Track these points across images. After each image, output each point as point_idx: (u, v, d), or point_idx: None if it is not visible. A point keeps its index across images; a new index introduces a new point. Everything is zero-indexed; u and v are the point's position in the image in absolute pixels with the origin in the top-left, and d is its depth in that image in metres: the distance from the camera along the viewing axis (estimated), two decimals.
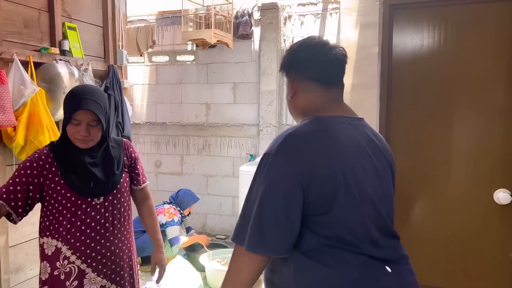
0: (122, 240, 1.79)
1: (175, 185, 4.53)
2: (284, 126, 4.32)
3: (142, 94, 4.87)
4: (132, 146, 1.89)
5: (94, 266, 1.70)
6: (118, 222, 1.76)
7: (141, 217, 1.96)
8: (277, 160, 1.11)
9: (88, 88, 1.72)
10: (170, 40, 4.70)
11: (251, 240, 1.10)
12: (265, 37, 4.24)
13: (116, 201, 1.75)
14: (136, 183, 1.88)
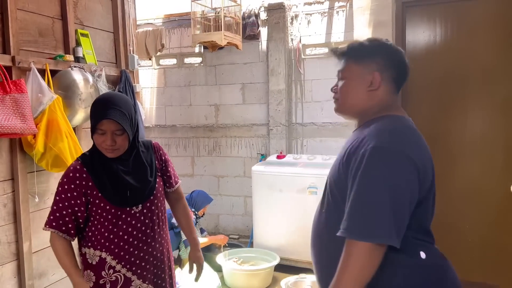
0: (162, 243, 1.81)
1: (187, 187, 4.56)
2: (294, 125, 4.34)
3: (151, 97, 4.90)
4: (162, 148, 1.88)
5: (139, 273, 1.72)
6: (157, 227, 1.77)
7: (176, 217, 1.97)
8: (397, 152, 1.13)
9: (112, 96, 1.71)
10: (177, 43, 4.73)
11: (386, 232, 1.08)
12: (272, 37, 4.26)
13: (154, 206, 1.75)
14: (169, 185, 1.87)
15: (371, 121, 1.28)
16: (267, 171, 3.82)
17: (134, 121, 1.70)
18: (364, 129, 1.26)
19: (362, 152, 1.16)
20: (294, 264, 3.64)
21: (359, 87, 1.30)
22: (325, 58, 4.17)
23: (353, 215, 1.12)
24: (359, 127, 1.34)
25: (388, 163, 1.12)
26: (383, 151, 1.13)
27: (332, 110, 4.81)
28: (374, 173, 1.12)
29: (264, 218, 3.83)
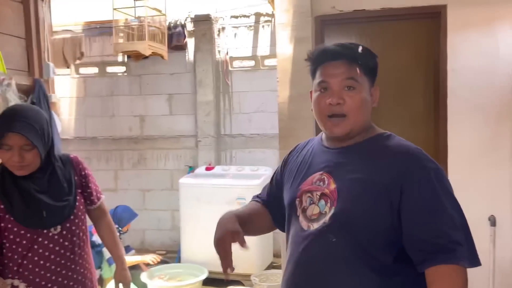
0: (84, 265, 1.67)
1: (109, 203, 4.28)
2: (223, 136, 4.35)
3: (70, 108, 4.62)
4: (82, 162, 1.73)
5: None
6: (78, 248, 1.64)
7: (100, 235, 1.83)
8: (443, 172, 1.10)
9: (20, 108, 1.58)
10: (99, 51, 4.52)
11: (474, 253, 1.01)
12: (199, 48, 4.25)
13: (75, 227, 1.62)
14: (90, 202, 1.73)
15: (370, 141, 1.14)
16: (196, 183, 3.77)
17: (47, 135, 1.57)
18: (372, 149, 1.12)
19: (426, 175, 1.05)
20: (223, 277, 3.60)
21: (368, 101, 1.15)
22: (252, 70, 4.24)
23: (466, 241, 1.01)
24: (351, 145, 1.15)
25: (446, 182, 1.08)
26: (438, 171, 1.07)
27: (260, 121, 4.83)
28: (454, 196, 1.05)
29: (192, 231, 3.76)
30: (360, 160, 1.12)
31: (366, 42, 2.55)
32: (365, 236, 1.05)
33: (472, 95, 2.34)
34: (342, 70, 1.12)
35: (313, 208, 1.13)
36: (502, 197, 2.31)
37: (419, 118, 2.51)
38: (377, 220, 1.04)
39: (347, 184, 1.09)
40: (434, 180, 1.04)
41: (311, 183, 1.16)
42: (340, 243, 1.06)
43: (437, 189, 1.03)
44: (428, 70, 2.48)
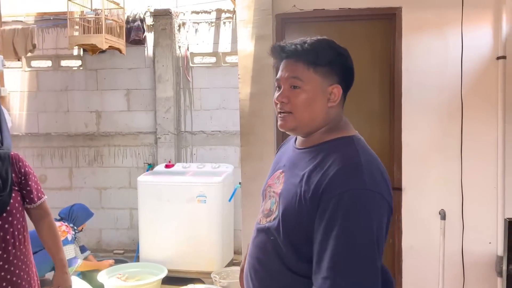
0: (19, 266, 1.62)
1: (64, 201, 4.17)
2: (183, 133, 4.29)
3: (21, 103, 4.39)
4: (22, 160, 1.70)
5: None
6: (12, 247, 1.59)
7: (40, 236, 1.78)
8: (377, 198, 0.99)
9: None
10: (52, 44, 4.33)
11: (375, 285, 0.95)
12: (159, 43, 4.17)
13: (8, 224, 1.58)
14: (30, 201, 1.70)
15: (326, 146, 1.10)
16: (155, 181, 3.70)
17: None
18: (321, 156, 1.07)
19: (338, 194, 0.97)
20: (183, 275, 3.57)
21: (319, 100, 1.10)
22: (214, 67, 4.21)
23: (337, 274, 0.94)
24: (308, 147, 1.13)
25: (374, 210, 0.98)
26: (369, 195, 0.98)
27: (221, 118, 4.82)
28: (359, 223, 0.96)
29: (151, 230, 3.69)
30: (305, 164, 1.09)
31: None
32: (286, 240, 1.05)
33: (425, 94, 2.45)
34: (288, 68, 1.11)
35: (268, 203, 1.16)
36: (452, 192, 2.43)
37: (375, 116, 2.59)
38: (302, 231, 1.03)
39: (288, 187, 1.10)
40: (343, 206, 0.96)
41: (274, 179, 1.19)
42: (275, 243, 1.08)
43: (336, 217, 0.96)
44: (383, 69, 2.57)
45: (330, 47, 1.15)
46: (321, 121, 1.13)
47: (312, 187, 1.02)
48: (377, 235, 0.96)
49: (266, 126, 2.55)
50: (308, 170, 1.06)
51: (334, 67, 1.13)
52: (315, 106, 1.11)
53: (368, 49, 2.57)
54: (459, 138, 2.42)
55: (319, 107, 1.11)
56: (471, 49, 2.38)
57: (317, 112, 1.11)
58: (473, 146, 2.41)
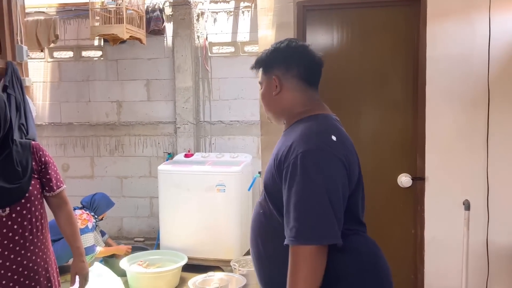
0: (36, 252, 1.65)
1: (86, 189, 4.26)
2: (202, 123, 4.31)
3: (44, 93, 4.48)
4: (43, 149, 1.74)
5: (3, 284, 1.56)
6: (29, 234, 1.62)
7: (59, 225, 1.82)
8: (325, 154, 1.17)
9: None
10: (74, 35, 4.38)
11: (329, 232, 1.12)
12: (178, 33, 4.17)
13: (26, 211, 1.61)
14: (49, 189, 1.73)
15: (298, 122, 1.30)
16: (175, 170, 3.74)
17: (4, 118, 1.57)
18: (291, 132, 1.28)
19: (293, 158, 1.17)
20: (202, 263, 3.62)
21: (269, 93, 1.34)
22: (232, 57, 4.20)
23: (299, 222, 1.13)
24: (287, 129, 1.35)
25: (319, 166, 1.15)
26: (313, 155, 1.16)
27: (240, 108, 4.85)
28: (309, 178, 1.14)
29: (171, 218, 3.74)
30: (280, 142, 1.32)
31: (346, 29, 2.57)
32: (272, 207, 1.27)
33: (450, 82, 2.39)
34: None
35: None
36: (477, 182, 2.39)
37: (398, 105, 2.55)
38: (274, 196, 1.25)
39: (268, 162, 1.32)
40: (296, 166, 1.16)
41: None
42: (264, 214, 1.31)
43: (294, 174, 1.16)
44: (407, 57, 2.52)
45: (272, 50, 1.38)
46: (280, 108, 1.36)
47: (278, 158, 1.24)
48: (327, 187, 1.14)
49: None
50: (282, 144, 1.27)
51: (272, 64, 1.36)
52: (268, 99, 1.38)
53: (391, 37, 2.53)
54: (485, 127, 2.36)
55: (271, 99, 1.36)
56: (499, 35, 2.31)
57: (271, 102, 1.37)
58: (500, 135, 2.35)
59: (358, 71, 2.55)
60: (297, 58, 1.33)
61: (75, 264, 1.81)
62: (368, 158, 2.58)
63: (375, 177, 2.59)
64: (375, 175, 2.59)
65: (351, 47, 2.54)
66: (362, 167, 2.52)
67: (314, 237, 1.12)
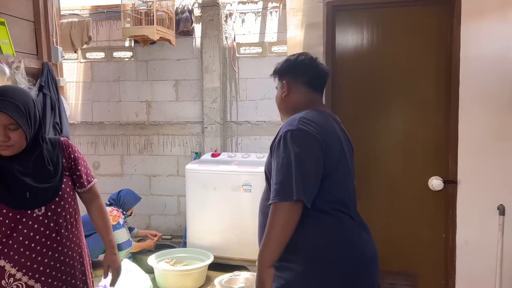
0: (72, 247, 1.69)
1: (116, 187, 4.36)
2: (229, 123, 4.34)
3: (77, 92, 4.61)
4: (72, 145, 1.74)
5: (43, 280, 1.60)
6: (65, 230, 1.66)
7: (91, 218, 1.85)
8: (302, 132, 1.43)
9: (6, 88, 1.57)
10: (105, 36, 4.50)
11: (298, 190, 1.35)
12: (206, 34, 4.22)
13: (60, 208, 1.63)
14: (80, 185, 1.75)
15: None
16: (202, 170, 3.78)
17: (34, 116, 1.57)
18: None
19: (278, 138, 1.45)
20: (228, 262, 3.64)
21: (280, 95, 1.65)
22: (259, 57, 4.21)
23: (276, 184, 1.39)
24: None
25: (296, 139, 1.41)
26: (292, 133, 1.42)
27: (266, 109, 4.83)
28: (285, 150, 1.40)
29: (198, 217, 3.78)
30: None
31: (376, 29, 2.53)
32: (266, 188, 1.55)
33: (484, 83, 2.32)
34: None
35: None
36: None
37: (429, 106, 2.50)
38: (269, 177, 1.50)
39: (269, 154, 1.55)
40: (279, 143, 1.43)
41: None
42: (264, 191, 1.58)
43: (278, 149, 1.43)
44: (439, 57, 2.46)
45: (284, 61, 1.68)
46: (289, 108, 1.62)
47: (272, 143, 1.49)
48: (301, 156, 1.39)
49: None
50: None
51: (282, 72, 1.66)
52: (280, 100, 1.66)
53: (423, 36, 2.47)
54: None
55: (281, 101, 1.66)
56: None
57: (282, 104, 1.66)
58: None
59: (388, 71, 2.51)
60: (303, 68, 1.61)
61: (107, 257, 1.84)
62: (398, 160, 2.54)
63: (405, 179, 2.55)
64: (406, 177, 2.55)
65: (382, 47, 2.51)
66: (392, 168, 2.62)
67: (281, 195, 1.37)
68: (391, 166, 2.56)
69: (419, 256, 2.57)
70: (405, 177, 2.55)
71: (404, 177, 2.55)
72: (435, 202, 2.52)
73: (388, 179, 2.57)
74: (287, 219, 1.37)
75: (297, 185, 1.36)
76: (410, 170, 2.54)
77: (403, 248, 2.59)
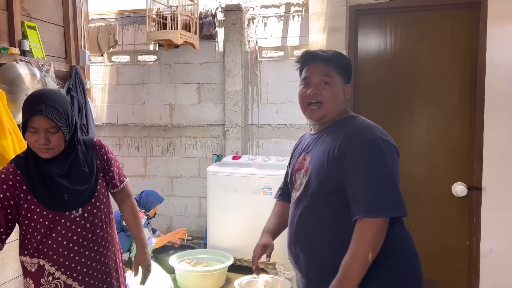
0: (107, 246, 1.73)
1: (139, 187, 4.45)
2: (250, 126, 4.37)
3: (102, 95, 4.74)
4: (105, 146, 1.77)
5: (80, 279, 1.65)
6: (100, 230, 1.69)
7: (123, 216, 1.89)
8: (391, 144, 1.39)
9: (45, 92, 1.61)
10: (131, 40, 4.61)
11: (403, 206, 1.32)
12: (229, 38, 4.27)
13: (96, 209, 1.67)
14: (112, 186, 1.78)
15: (338, 122, 1.50)
16: (223, 172, 3.82)
17: (71, 119, 1.60)
18: (336, 129, 1.47)
19: (359, 143, 1.36)
20: (248, 264, 3.66)
21: (340, 94, 1.51)
22: (281, 61, 4.23)
23: (372, 196, 1.31)
24: (323, 129, 1.53)
25: (387, 151, 1.35)
26: (381, 142, 1.36)
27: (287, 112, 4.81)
28: (380, 160, 1.33)
29: (218, 219, 3.82)
30: (327, 138, 1.47)
31: (400, 33, 2.51)
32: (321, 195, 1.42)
33: (510, 88, 2.28)
34: (320, 69, 1.49)
35: (299, 181, 1.53)
36: None
37: (454, 111, 2.46)
38: (330, 183, 1.39)
39: (315, 157, 1.47)
40: (365, 151, 1.34)
41: (299, 163, 1.56)
42: (309, 205, 1.45)
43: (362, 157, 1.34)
44: (464, 62, 2.42)
45: (346, 57, 1.60)
46: (339, 111, 1.51)
47: (337, 146, 1.39)
48: (392, 169, 1.35)
49: None
50: (331, 138, 1.44)
51: (347, 72, 1.54)
52: (338, 98, 1.50)
53: (448, 41, 2.45)
54: None
55: (340, 100, 1.51)
56: None
57: (339, 104, 1.50)
58: None
59: (412, 75, 2.49)
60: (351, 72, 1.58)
61: (138, 255, 1.87)
62: (421, 165, 2.51)
63: (428, 184, 2.52)
64: (429, 182, 2.51)
65: (405, 51, 2.49)
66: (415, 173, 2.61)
67: (384, 210, 1.30)
68: (414, 171, 2.53)
69: (442, 263, 2.54)
70: (428, 182, 2.52)
71: (427, 182, 2.52)
72: (459, 209, 2.48)
73: (412, 184, 2.55)
74: (380, 237, 1.30)
75: (401, 200, 1.32)
76: (434, 175, 2.50)
77: (426, 254, 2.52)
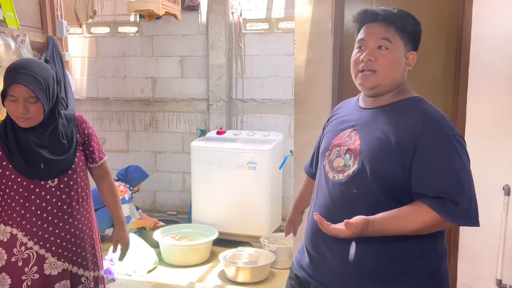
0: (82, 221, 1.74)
1: (121, 163, 4.39)
2: (234, 101, 4.32)
3: (82, 68, 4.59)
4: (86, 121, 1.79)
5: (53, 250, 1.66)
6: (76, 203, 1.71)
7: (101, 194, 1.89)
8: (461, 139, 1.21)
9: (28, 61, 1.60)
10: (110, 10, 4.44)
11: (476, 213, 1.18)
12: (212, 9, 4.15)
13: (72, 181, 1.69)
14: (92, 161, 1.80)
15: (399, 104, 1.26)
16: (207, 147, 3.79)
17: (52, 91, 1.61)
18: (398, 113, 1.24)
19: (441, 136, 1.16)
20: (232, 238, 3.69)
21: (401, 62, 1.26)
22: (266, 34, 4.15)
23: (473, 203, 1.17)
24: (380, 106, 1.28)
25: (466, 151, 1.21)
26: (462, 140, 1.20)
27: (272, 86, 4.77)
28: (464, 160, 1.17)
29: (203, 194, 3.82)
30: (385, 121, 1.24)
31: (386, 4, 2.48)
32: (379, 189, 1.20)
33: (495, 62, 2.28)
34: (378, 31, 1.25)
35: (339, 160, 1.29)
36: None
37: (438, 84, 2.47)
38: (390, 177, 1.19)
39: (369, 142, 1.24)
40: (447, 145, 1.15)
41: (341, 138, 1.32)
42: (359, 194, 1.23)
43: (450, 153, 1.15)
44: (450, 35, 2.41)
45: (414, 18, 1.30)
46: (398, 82, 1.28)
47: (403, 136, 1.18)
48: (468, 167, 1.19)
49: (322, 93, 2.51)
50: (392, 123, 1.22)
51: (414, 36, 1.29)
52: (398, 67, 1.26)
53: (434, 13, 2.42)
54: None
55: (400, 69, 1.26)
56: None
57: (398, 74, 1.26)
58: None
59: None
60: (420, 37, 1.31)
61: (116, 233, 1.88)
62: None
63: None
64: None
65: None
66: None
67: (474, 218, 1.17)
68: None
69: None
70: None
71: None
72: None
73: None
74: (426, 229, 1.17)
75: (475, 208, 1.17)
76: None
77: None
